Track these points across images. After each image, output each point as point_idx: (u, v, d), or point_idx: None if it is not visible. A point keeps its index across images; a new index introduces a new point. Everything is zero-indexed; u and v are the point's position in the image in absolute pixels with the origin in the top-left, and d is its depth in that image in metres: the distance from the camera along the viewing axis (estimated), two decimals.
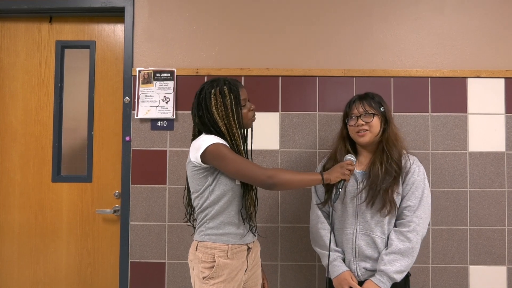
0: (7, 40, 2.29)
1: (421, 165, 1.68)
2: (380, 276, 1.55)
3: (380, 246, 1.60)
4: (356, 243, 1.63)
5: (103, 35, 2.29)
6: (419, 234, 1.57)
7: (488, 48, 2.12)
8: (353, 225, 1.64)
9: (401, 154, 1.66)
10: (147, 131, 2.13)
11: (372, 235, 1.61)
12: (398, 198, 1.61)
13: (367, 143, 1.67)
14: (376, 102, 1.69)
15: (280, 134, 2.13)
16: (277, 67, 2.13)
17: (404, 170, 1.63)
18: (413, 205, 1.59)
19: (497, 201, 2.08)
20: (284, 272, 2.10)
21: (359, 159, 1.72)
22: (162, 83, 2.12)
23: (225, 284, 1.47)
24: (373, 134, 1.66)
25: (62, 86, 2.29)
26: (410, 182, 1.62)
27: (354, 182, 1.67)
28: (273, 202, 2.11)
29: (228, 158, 1.43)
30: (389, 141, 1.66)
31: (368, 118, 1.65)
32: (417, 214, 1.58)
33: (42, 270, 2.24)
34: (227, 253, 1.49)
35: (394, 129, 1.70)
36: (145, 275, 2.11)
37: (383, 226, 1.61)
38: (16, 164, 2.26)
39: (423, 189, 1.61)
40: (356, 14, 2.15)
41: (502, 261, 2.07)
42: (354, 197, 1.65)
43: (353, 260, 1.63)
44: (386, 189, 1.58)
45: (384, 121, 1.68)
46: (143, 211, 2.11)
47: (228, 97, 1.51)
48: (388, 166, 1.61)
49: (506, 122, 2.10)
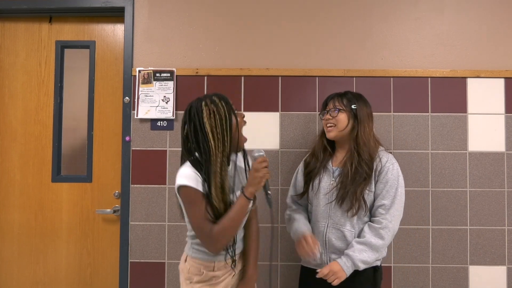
0: (7, 40, 2.29)
1: (396, 162, 1.69)
2: (346, 259, 1.59)
3: (349, 239, 1.64)
4: (327, 236, 1.67)
5: (103, 35, 2.29)
6: (391, 231, 1.62)
7: (488, 48, 2.13)
8: (325, 219, 1.69)
9: (372, 155, 1.67)
10: (147, 131, 2.13)
11: (342, 229, 1.66)
12: (370, 196, 1.65)
13: (333, 138, 1.73)
14: (349, 99, 1.72)
15: (280, 134, 2.13)
16: (277, 67, 2.13)
17: (378, 168, 1.65)
18: (387, 204, 1.62)
19: (497, 201, 2.08)
20: (284, 272, 2.10)
21: (335, 155, 1.77)
22: (162, 83, 2.12)
23: (211, 286, 1.52)
24: (339, 129, 1.70)
25: (62, 86, 2.29)
26: (384, 180, 1.64)
27: (328, 178, 1.72)
28: (273, 202, 2.10)
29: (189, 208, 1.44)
30: (359, 141, 1.67)
31: (334, 113, 1.70)
32: (391, 212, 1.62)
33: (42, 270, 2.24)
34: (213, 268, 1.53)
35: (367, 128, 1.69)
36: (145, 275, 2.11)
37: (352, 221, 1.66)
38: (16, 164, 2.26)
39: (397, 187, 1.64)
40: (356, 14, 2.15)
41: (502, 261, 2.07)
42: (327, 193, 1.70)
43: (324, 252, 1.68)
44: (354, 190, 1.62)
45: (353, 118, 1.69)
46: (143, 211, 2.11)
47: (220, 104, 1.45)
48: (358, 167, 1.64)
49: (506, 122, 2.10)
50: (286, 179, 2.10)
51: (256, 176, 1.42)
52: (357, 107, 1.70)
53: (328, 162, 1.75)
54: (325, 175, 1.73)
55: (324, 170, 1.74)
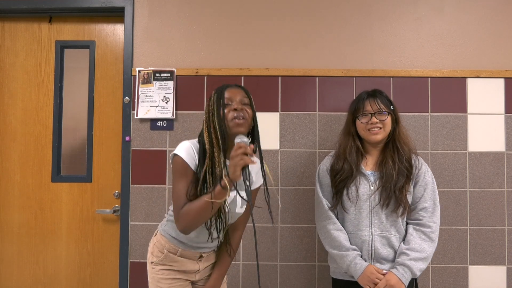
0: (7, 40, 2.29)
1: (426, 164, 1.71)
2: (403, 270, 1.54)
3: (395, 245, 1.61)
4: (373, 245, 1.61)
5: (103, 35, 2.29)
6: (438, 234, 1.61)
7: (488, 48, 2.13)
8: (368, 227, 1.62)
9: (411, 153, 1.67)
10: (146, 131, 2.13)
11: (388, 235, 1.61)
12: (409, 197, 1.63)
13: (379, 141, 1.66)
14: (388, 100, 1.70)
15: (280, 134, 2.12)
16: (276, 67, 2.13)
17: (416, 169, 1.64)
18: (429, 207, 1.61)
19: (497, 201, 2.08)
20: (284, 272, 2.10)
21: (367, 159, 1.71)
22: (162, 83, 2.12)
23: (170, 272, 1.52)
24: (386, 133, 1.66)
25: (62, 86, 2.28)
26: (423, 183, 1.64)
27: (366, 183, 1.65)
28: (273, 202, 2.10)
29: (174, 177, 1.43)
30: (400, 140, 1.66)
31: (382, 116, 1.64)
32: (435, 214, 1.62)
33: (41, 270, 2.24)
34: (176, 252, 1.53)
35: (403, 127, 1.71)
36: (145, 275, 2.09)
37: (397, 225, 1.62)
38: (16, 164, 2.26)
39: (435, 190, 1.65)
40: (356, 14, 2.15)
41: (502, 261, 2.07)
42: (367, 199, 1.63)
43: (368, 262, 1.62)
44: (400, 189, 1.58)
45: (395, 119, 1.68)
46: (143, 211, 2.11)
47: (213, 99, 1.44)
48: (400, 165, 1.61)
49: (505, 122, 2.10)
50: (286, 179, 2.10)
51: (231, 164, 1.29)
52: (394, 107, 1.69)
53: (361, 167, 1.66)
54: (362, 181, 1.64)
55: (360, 176, 1.65)
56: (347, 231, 1.66)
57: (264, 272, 2.07)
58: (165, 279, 1.51)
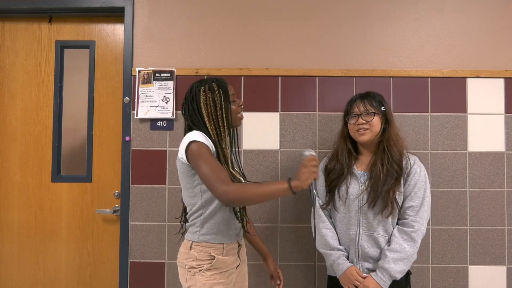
0: (7, 40, 2.29)
1: (422, 164, 1.69)
2: (382, 274, 1.55)
3: (382, 245, 1.61)
4: (359, 244, 1.63)
5: (103, 35, 2.29)
6: (422, 234, 1.60)
7: (488, 48, 2.13)
8: (356, 226, 1.64)
9: (402, 154, 1.66)
10: (146, 131, 2.13)
11: (375, 235, 1.62)
12: (400, 198, 1.62)
13: (367, 142, 1.67)
14: (377, 101, 1.70)
15: (280, 134, 2.12)
16: (276, 67, 2.14)
17: (406, 170, 1.64)
18: (415, 205, 1.60)
19: (496, 201, 2.08)
20: (284, 272, 2.09)
21: (360, 159, 1.73)
22: (162, 83, 2.12)
23: (221, 276, 1.50)
24: (373, 133, 1.66)
25: (62, 86, 2.28)
26: (412, 182, 1.63)
27: (356, 183, 1.67)
28: (273, 202, 2.11)
29: (201, 159, 1.38)
30: (390, 141, 1.66)
31: (368, 117, 1.65)
32: (420, 214, 1.60)
33: (41, 270, 2.24)
34: (222, 251, 1.51)
35: (395, 129, 1.71)
36: (145, 275, 2.11)
37: (385, 225, 1.62)
38: (16, 164, 2.26)
39: (425, 189, 1.63)
40: (355, 14, 2.15)
41: (502, 261, 2.07)
42: (356, 198, 1.65)
43: (356, 260, 1.64)
44: (387, 191, 1.59)
45: (385, 120, 1.69)
46: (143, 211, 2.11)
47: (217, 92, 1.52)
48: (389, 167, 1.62)
49: (505, 122, 2.10)
50: None
51: (305, 172, 1.36)
52: (386, 108, 1.69)
53: (353, 167, 1.70)
54: (352, 181, 1.67)
55: (351, 176, 1.68)
56: (337, 230, 1.70)
57: (264, 272, 2.07)
58: (218, 283, 1.49)
